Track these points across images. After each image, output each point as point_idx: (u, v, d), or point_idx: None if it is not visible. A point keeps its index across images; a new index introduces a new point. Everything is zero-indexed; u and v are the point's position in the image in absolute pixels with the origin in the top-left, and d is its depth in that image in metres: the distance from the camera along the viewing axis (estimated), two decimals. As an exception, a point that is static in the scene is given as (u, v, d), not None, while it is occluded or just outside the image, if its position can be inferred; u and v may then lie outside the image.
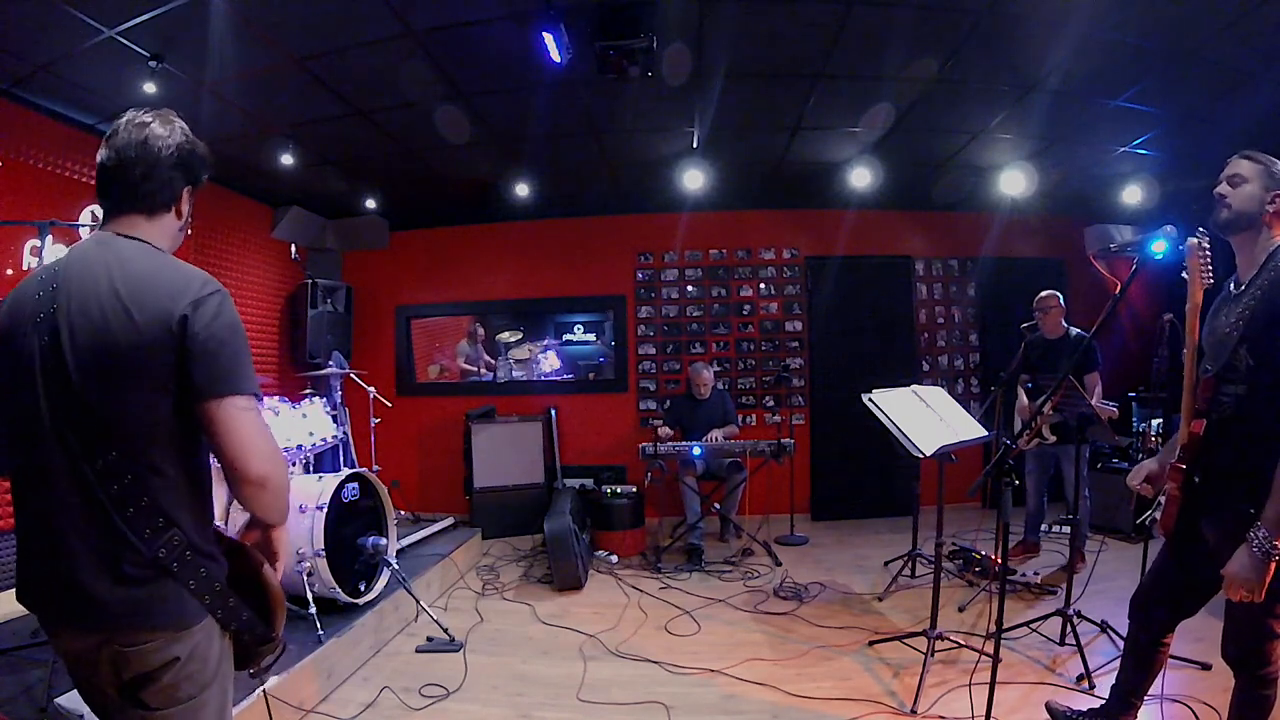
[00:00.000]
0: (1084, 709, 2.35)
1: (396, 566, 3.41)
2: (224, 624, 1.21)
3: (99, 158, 1.25)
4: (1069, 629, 2.98)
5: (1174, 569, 1.97)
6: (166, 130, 1.26)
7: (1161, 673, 2.10)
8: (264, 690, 1.35)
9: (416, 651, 3.26)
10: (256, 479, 1.16)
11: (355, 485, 3.39)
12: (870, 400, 3.22)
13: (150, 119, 1.26)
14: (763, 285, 6.17)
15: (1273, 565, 1.52)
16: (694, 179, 5.12)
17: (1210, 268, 1.77)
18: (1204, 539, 1.80)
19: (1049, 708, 2.42)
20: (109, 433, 1.13)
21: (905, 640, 3.08)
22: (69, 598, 1.14)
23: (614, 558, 4.74)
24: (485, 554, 4.94)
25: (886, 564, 4.38)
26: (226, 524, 2.94)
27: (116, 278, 1.16)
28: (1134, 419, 5.52)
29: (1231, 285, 1.84)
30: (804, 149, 4.83)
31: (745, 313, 6.17)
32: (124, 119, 1.25)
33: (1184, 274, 1.82)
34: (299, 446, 3.48)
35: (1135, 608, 2.10)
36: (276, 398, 3.53)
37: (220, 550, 1.25)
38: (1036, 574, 3.99)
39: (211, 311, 1.17)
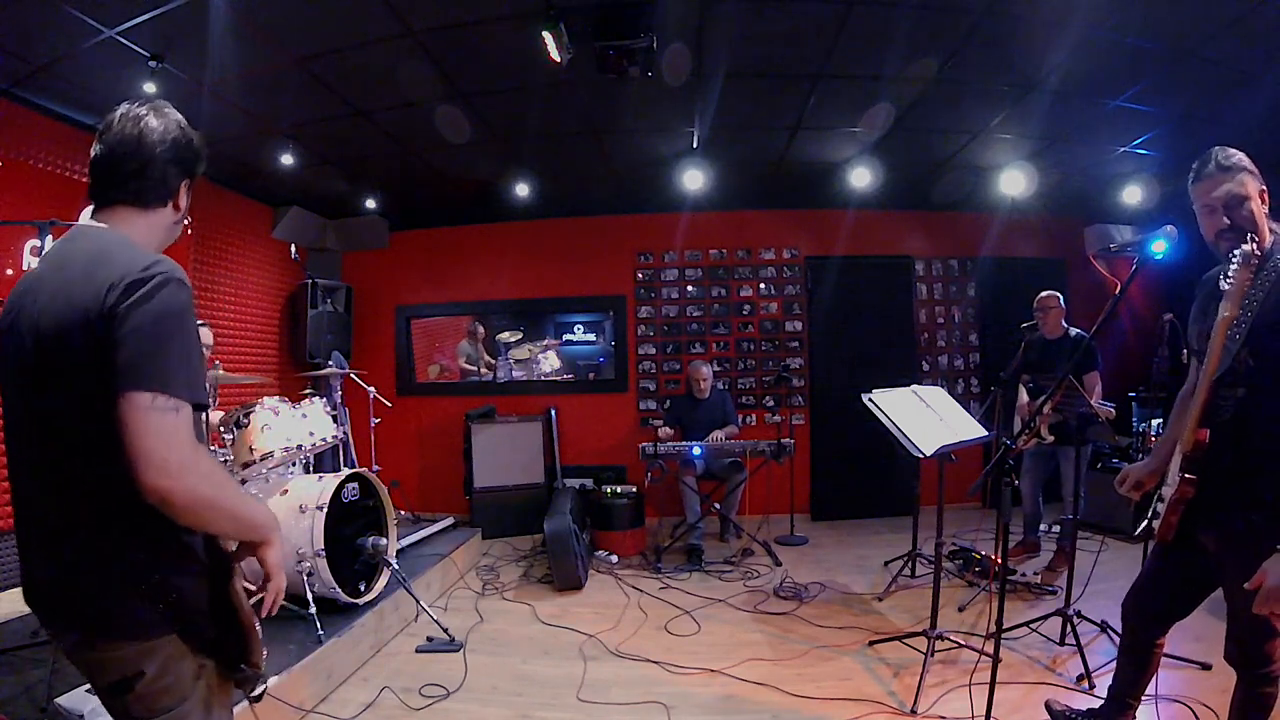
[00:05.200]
0: (1083, 709, 2.35)
1: (396, 566, 3.41)
2: (184, 638, 1.13)
3: (92, 152, 1.21)
4: (1069, 629, 2.98)
5: (1167, 573, 1.94)
6: (160, 123, 1.22)
7: (1156, 673, 2.09)
8: (248, 699, 1.29)
9: (416, 651, 3.26)
10: (153, 492, 0.99)
11: (355, 485, 3.40)
12: (870, 400, 3.22)
13: (145, 111, 1.23)
14: (763, 285, 6.16)
15: None
16: (694, 179, 5.12)
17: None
18: (1200, 545, 1.78)
19: (1048, 706, 2.43)
20: (63, 432, 1.08)
21: (905, 640, 3.08)
22: (47, 597, 1.15)
23: (614, 558, 4.74)
24: (485, 554, 4.94)
25: (886, 564, 4.38)
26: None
27: (74, 266, 1.10)
28: (1134, 419, 5.51)
29: (1223, 283, 1.78)
30: (804, 149, 4.83)
31: (745, 313, 6.17)
32: (118, 112, 1.22)
33: (1224, 284, 1.72)
34: (299, 446, 3.49)
35: (1128, 611, 2.08)
36: (276, 398, 3.53)
37: (197, 560, 1.16)
38: (1036, 574, 4.00)
39: (143, 292, 1.04)
